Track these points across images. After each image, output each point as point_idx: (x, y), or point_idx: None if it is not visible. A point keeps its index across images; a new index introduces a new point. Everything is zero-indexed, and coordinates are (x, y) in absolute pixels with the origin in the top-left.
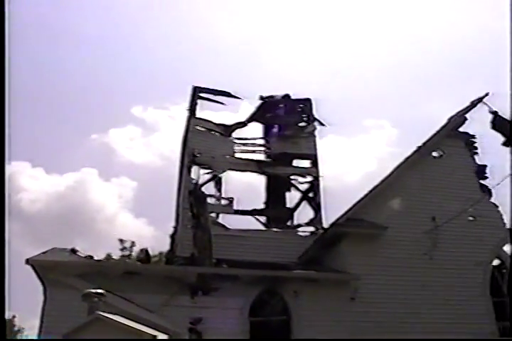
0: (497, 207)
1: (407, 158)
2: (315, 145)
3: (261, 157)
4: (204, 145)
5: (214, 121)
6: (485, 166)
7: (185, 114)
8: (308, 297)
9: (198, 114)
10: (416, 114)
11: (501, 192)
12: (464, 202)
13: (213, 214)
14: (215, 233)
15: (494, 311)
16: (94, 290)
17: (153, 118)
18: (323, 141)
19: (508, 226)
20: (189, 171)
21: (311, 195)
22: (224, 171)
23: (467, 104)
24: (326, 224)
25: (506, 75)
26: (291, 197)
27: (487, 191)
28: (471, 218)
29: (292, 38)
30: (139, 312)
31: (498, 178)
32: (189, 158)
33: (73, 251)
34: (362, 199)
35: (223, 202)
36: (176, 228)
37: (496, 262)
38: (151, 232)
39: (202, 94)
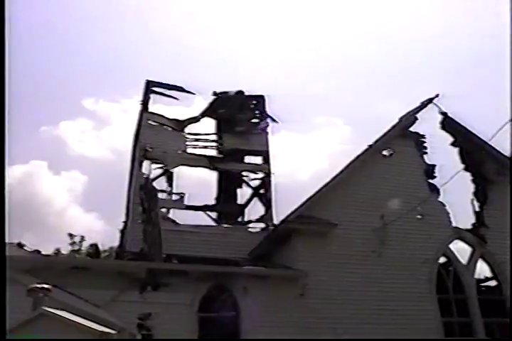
0: (444, 206)
1: (358, 157)
2: (267, 141)
3: (213, 153)
4: (156, 140)
5: (167, 116)
6: (434, 166)
7: (138, 107)
8: (258, 293)
9: (151, 108)
10: (368, 113)
11: (449, 191)
12: (412, 200)
13: (164, 210)
14: (166, 228)
15: (439, 307)
16: (39, 285)
17: (105, 111)
18: (276, 138)
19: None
20: (140, 166)
21: (262, 191)
22: (175, 166)
23: (418, 104)
24: (276, 221)
25: (456, 77)
26: (243, 194)
27: (435, 190)
28: (419, 216)
29: (245, 34)
30: (87, 308)
31: (446, 178)
32: (141, 152)
33: (20, 245)
34: (313, 196)
35: (174, 197)
36: (126, 223)
37: (442, 260)
38: (102, 227)
39: (155, 89)
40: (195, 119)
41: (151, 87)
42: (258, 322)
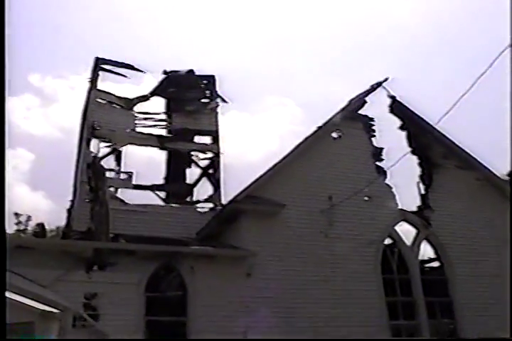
0: (391, 188)
1: (307, 138)
2: (216, 121)
3: (162, 132)
4: (104, 118)
5: (116, 94)
6: (381, 148)
7: (86, 85)
8: (205, 272)
9: (100, 85)
10: (320, 94)
11: (395, 174)
12: (360, 182)
13: (112, 189)
14: (113, 207)
15: (384, 287)
16: None
17: (52, 87)
18: (226, 118)
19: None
20: (88, 144)
21: (211, 171)
22: (124, 145)
23: (367, 87)
24: (225, 201)
25: (405, 61)
26: (191, 173)
27: (382, 172)
28: (366, 198)
29: (197, 13)
30: (31, 288)
31: (394, 160)
32: (89, 130)
33: None
34: (261, 176)
35: (122, 176)
36: (73, 202)
37: (387, 241)
38: (49, 206)
39: (104, 66)
40: (144, 98)
41: (100, 64)
42: (205, 301)
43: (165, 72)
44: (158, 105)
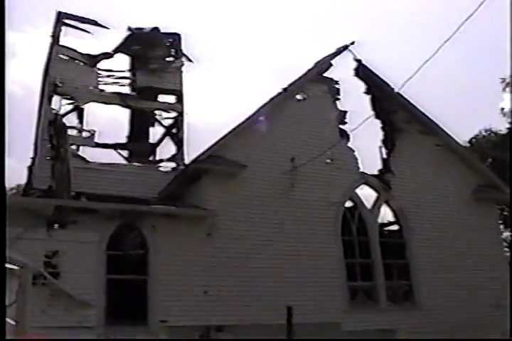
0: (353, 151)
1: (271, 99)
2: (181, 80)
3: (126, 90)
4: (67, 75)
5: (78, 50)
6: (345, 112)
7: (47, 39)
8: (167, 231)
9: (62, 40)
10: (287, 55)
11: (358, 138)
12: (322, 145)
13: (74, 147)
14: (75, 166)
15: (343, 249)
16: None
17: (9, 41)
18: (191, 77)
19: (361, 169)
20: (50, 101)
21: (174, 130)
22: (86, 102)
23: (333, 50)
24: (188, 161)
25: (371, 25)
26: (155, 132)
27: (345, 136)
28: (328, 161)
29: None
30: None
31: (357, 124)
32: (50, 87)
33: None
34: (224, 136)
35: (85, 134)
36: (34, 159)
37: (348, 204)
38: (10, 163)
39: (66, 21)
40: (108, 55)
41: (62, 19)
42: (166, 260)
43: (129, 29)
44: (122, 62)
